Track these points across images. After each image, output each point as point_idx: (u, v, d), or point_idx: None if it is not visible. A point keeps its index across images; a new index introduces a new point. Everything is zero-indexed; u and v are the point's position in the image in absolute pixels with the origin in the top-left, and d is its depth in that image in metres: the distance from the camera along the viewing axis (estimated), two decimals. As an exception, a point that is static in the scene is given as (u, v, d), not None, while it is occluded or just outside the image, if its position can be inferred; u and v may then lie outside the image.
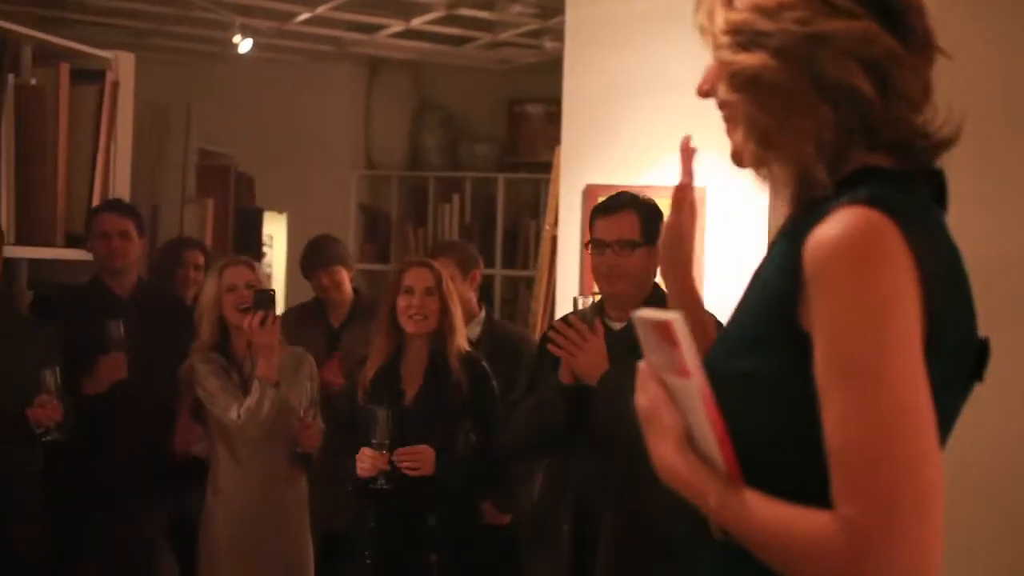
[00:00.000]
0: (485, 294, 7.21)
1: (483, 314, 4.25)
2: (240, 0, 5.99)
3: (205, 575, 3.78)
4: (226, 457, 3.76)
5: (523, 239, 7.16)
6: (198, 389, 3.72)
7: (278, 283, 7.16)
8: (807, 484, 1.23)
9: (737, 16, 1.32)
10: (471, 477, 3.53)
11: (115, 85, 4.45)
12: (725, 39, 1.33)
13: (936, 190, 1.37)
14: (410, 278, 3.56)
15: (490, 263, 7.20)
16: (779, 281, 1.30)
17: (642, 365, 1.39)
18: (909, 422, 1.18)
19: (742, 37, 1.32)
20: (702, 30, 1.37)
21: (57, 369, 3.54)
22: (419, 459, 3.42)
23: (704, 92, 1.39)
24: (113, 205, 4.19)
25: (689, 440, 1.33)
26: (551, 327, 3.19)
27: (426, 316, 3.53)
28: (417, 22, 6.15)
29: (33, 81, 4.24)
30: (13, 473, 3.62)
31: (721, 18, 1.34)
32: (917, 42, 1.31)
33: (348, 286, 4.79)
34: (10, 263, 4.12)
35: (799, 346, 1.25)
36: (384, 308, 3.61)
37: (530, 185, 7.11)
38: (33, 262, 4.27)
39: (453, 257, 4.29)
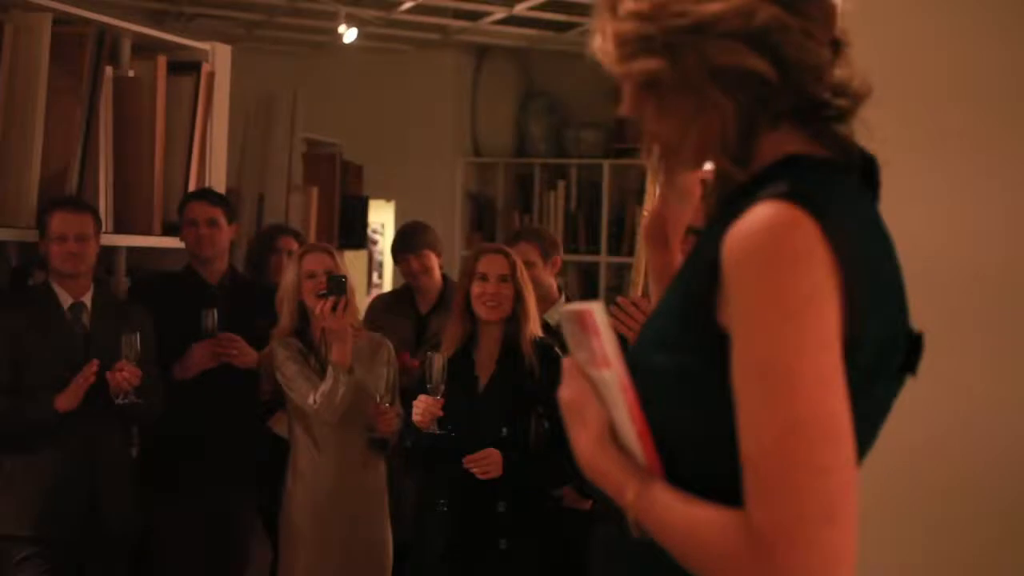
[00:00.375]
0: (591, 280, 7.23)
1: (563, 300, 4.25)
2: (345, -10, 6.09)
3: (286, 556, 3.86)
4: (305, 441, 3.83)
5: (628, 225, 7.13)
6: (277, 374, 3.79)
7: (386, 269, 7.26)
8: (725, 480, 1.21)
9: (622, 27, 1.30)
10: (541, 468, 3.53)
11: (211, 76, 4.55)
12: (615, 54, 1.31)
13: (867, 177, 1.32)
14: (484, 265, 3.58)
15: (595, 250, 7.20)
16: (699, 278, 1.27)
17: (566, 360, 1.39)
18: (822, 427, 1.15)
19: (631, 47, 1.29)
20: (598, 53, 1.34)
21: (137, 336, 3.62)
22: (487, 463, 3.44)
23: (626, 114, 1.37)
24: (202, 194, 4.28)
25: (612, 434, 1.31)
26: (614, 303, 3.17)
27: (500, 303, 3.55)
28: (521, 8, 6.17)
29: (131, 73, 4.36)
30: (108, 454, 3.72)
31: (610, 34, 1.32)
32: (804, 4, 1.27)
33: (437, 272, 4.82)
34: (110, 251, 4.27)
35: (718, 344, 1.22)
36: (459, 294, 3.64)
37: (636, 171, 7.06)
38: (132, 250, 4.40)
39: (534, 242, 4.30)
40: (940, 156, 2.88)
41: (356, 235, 6.70)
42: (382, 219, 7.67)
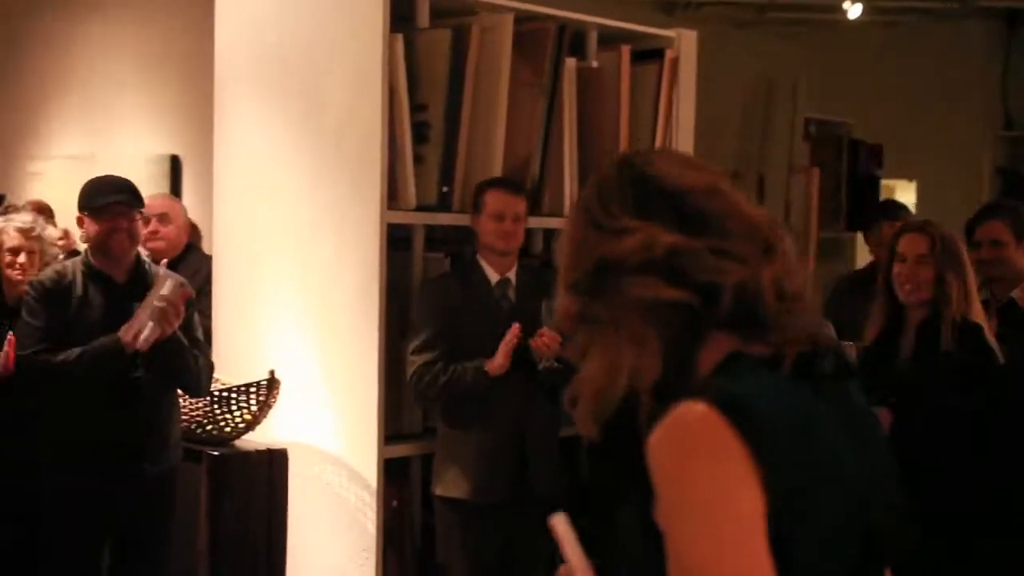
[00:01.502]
0: None
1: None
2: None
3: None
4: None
5: None
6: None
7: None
8: None
9: (560, 278, 1.39)
10: None
11: (674, 62, 4.63)
12: (560, 303, 1.39)
13: (810, 371, 1.28)
14: (903, 244, 3.39)
15: None
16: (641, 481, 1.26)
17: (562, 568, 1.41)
18: None
19: (566, 292, 1.38)
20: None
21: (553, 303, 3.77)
22: None
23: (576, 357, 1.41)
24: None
25: None
26: None
27: (917, 285, 3.34)
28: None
29: (594, 64, 4.55)
30: (536, 423, 3.89)
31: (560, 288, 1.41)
32: (703, 224, 1.28)
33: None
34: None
35: (661, 544, 1.21)
36: (881, 275, 3.47)
37: None
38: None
39: (1007, 219, 3.97)
40: None
41: (866, 215, 6.50)
42: (905, 199, 7.37)
